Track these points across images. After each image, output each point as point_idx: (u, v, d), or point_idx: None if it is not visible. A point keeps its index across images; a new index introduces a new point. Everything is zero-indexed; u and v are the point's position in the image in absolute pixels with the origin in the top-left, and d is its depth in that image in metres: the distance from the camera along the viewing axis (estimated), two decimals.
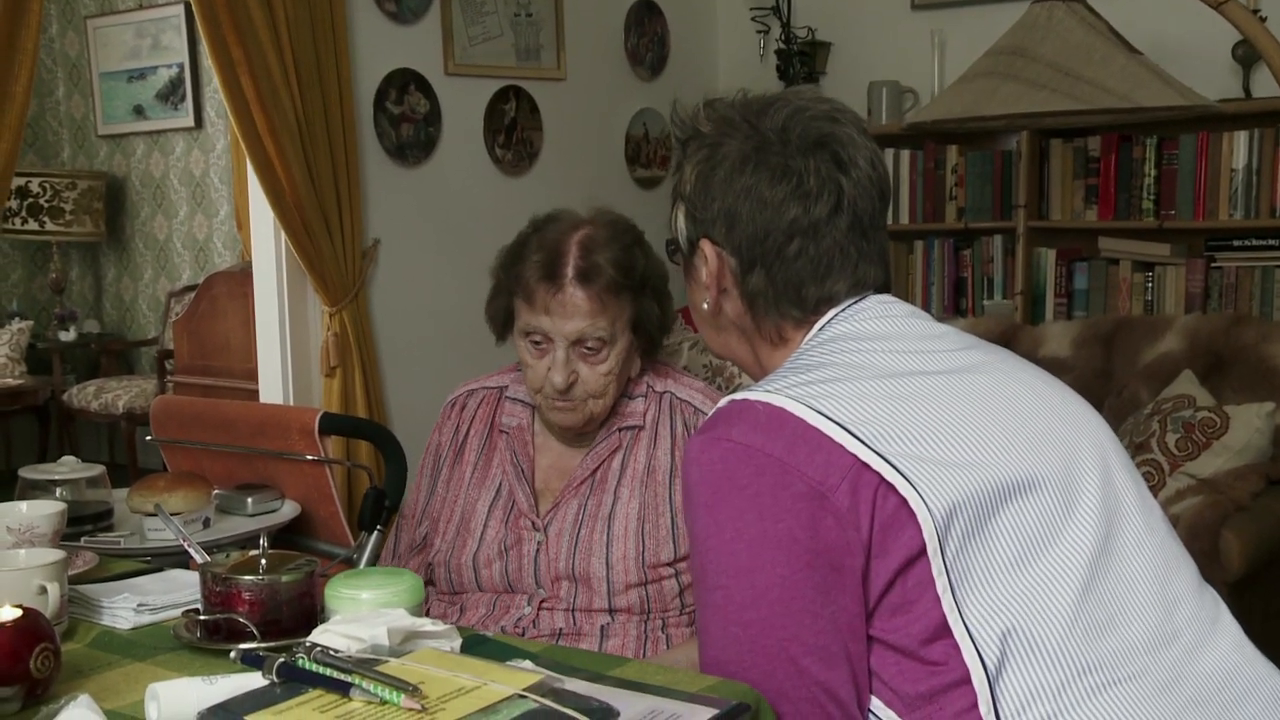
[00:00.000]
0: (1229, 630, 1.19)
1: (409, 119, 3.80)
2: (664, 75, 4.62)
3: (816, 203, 1.22)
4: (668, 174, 4.64)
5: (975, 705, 1.05)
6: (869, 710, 1.11)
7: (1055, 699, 1.05)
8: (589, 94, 4.37)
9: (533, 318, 1.68)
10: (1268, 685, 1.16)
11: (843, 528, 1.07)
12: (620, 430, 1.75)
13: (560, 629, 1.68)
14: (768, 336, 1.28)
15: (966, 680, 1.06)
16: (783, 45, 4.57)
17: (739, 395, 1.15)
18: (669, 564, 1.68)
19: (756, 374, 1.32)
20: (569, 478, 1.74)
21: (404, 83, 3.77)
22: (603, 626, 1.67)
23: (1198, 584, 1.21)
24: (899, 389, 1.14)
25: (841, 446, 1.07)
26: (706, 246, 1.27)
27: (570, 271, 1.65)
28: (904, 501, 1.06)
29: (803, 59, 4.54)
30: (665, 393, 1.77)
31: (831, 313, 1.24)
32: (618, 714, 0.94)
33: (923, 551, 1.06)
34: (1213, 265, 3.81)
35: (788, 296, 1.24)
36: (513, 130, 4.13)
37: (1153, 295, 3.91)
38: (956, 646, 1.06)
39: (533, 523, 1.72)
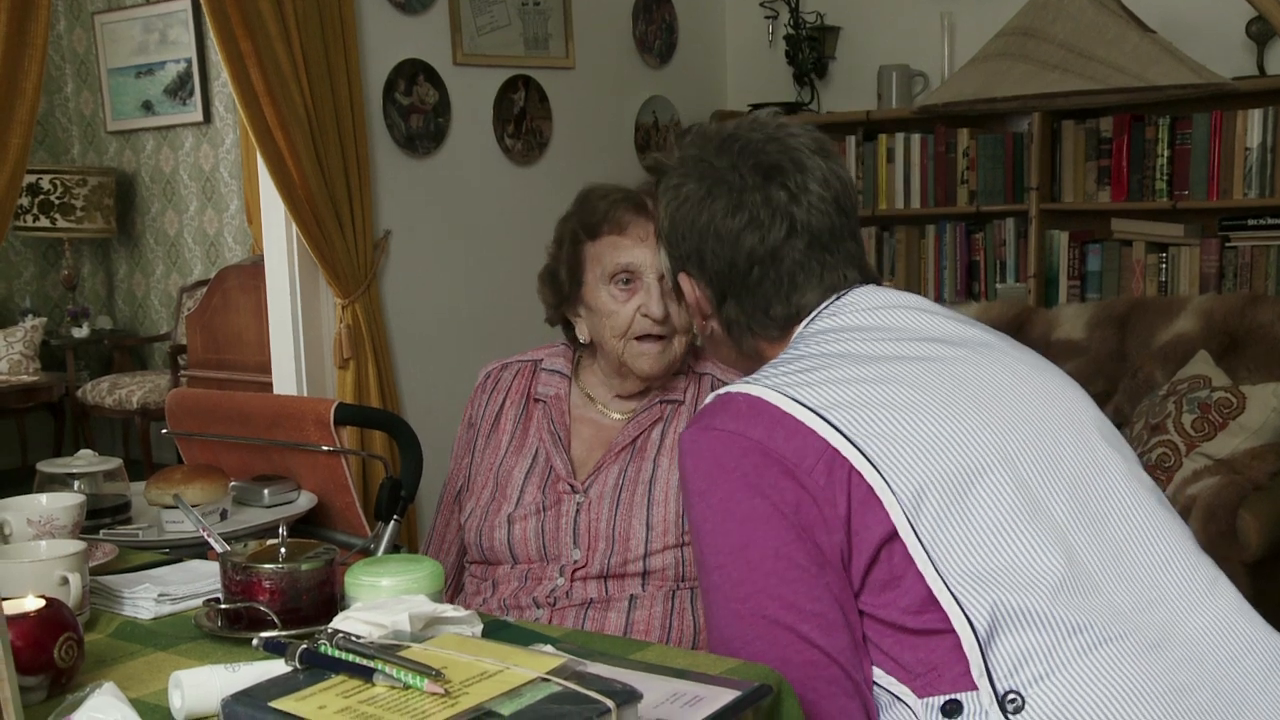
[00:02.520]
0: (1227, 594, 1.21)
1: (418, 110, 3.80)
2: (673, 63, 4.61)
3: (770, 231, 1.30)
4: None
5: (969, 670, 1.08)
6: (873, 681, 1.14)
7: (1046, 659, 1.08)
8: (598, 82, 4.37)
9: (624, 252, 1.72)
10: (1266, 644, 1.17)
11: (819, 506, 1.13)
12: (662, 402, 1.78)
13: (591, 599, 1.69)
14: (752, 353, 1.37)
15: (959, 646, 1.09)
16: (791, 30, 4.56)
17: (724, 390, 1.24)
18: None
19: None
20: (609, 445, 1.77)
21: (413, 73, 3.77)
22: (632, 597, 1.68)
23: (1192, 550, 1.22)
24: (873, 373, 1.20)
25: (814, 432, 1.14)
26: (684, 281, 1.38)
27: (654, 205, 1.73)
28: (872, 488, 1.11)
29: (811, 44, 4.52)
30: (706, 374, 1.81)
31: (809, 317, 1.31)
32: (641, 696, 0.94)
33: (895, 533, 1.11)
34: (1227, 245, 3.79)
35: (758, 320, 1.33)
36: (522, 120, 4.12)
37: (1167, 276, 3.89)
38: (946, 617, 1.09)
39: (572, 486, 1.75)
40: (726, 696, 1.06)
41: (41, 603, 1.14)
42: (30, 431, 6.23)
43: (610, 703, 0.91)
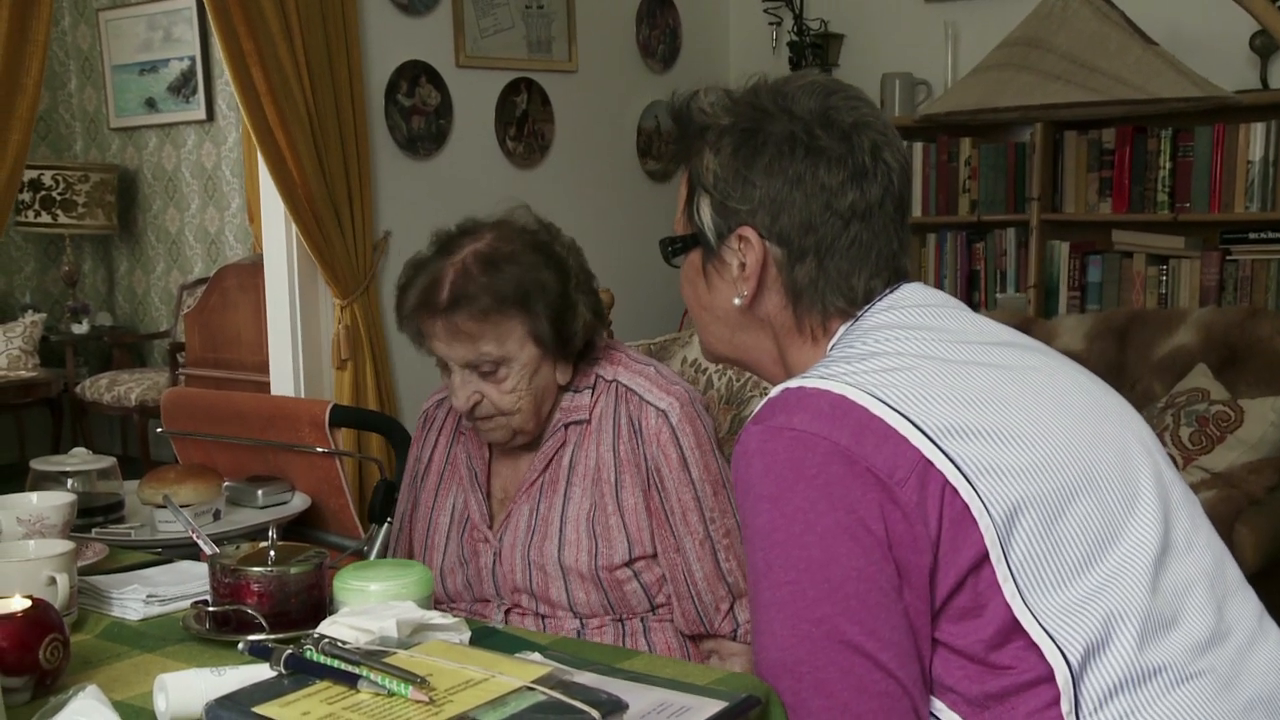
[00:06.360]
0: (1272, 627, 1.17)
1: (420, 111, 3.79)
2: (676, 68, 4.61)
3: (872, 185, 1.18)
4: (669, 164, 4.63)
5: (1053, 703, 1.03)
6: (933, 715, 1.08)
7: (1133, 694, 1.04)
8: (601, 86, 4.36)
9: (428, 342, 1.64)
10: None
11: (910, 523, 1.03)
12: (566, 426, 1.66)
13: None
14: (808, 332, 1.22)
15: (1042, 680, 1.03)
16: (795, 37, 4.56)
17: (794, 383, 1.10)
18: (625, 565, 1.62)
19: (776, 376, 1.26)
20: (520, 482, 1.69)
21: (415, 75, 3.77)
22: (576, 631, 1.63)
23: (1241, 579, 1.18)
24: (958, 382, 1.10)
25: (907, 440, 1.03)
26: (751, 235, 1.19)
27: (444, 299, 1.60)
28: (968, 505, 1.03)
29: (815, 51, 4.52)
30: (614, 381, 1.68)
31: (868, 306, 1.20)
32: (626, 706, 0.93)
33: (985, 556, 1.03)
34: (1228, 258, 3.79)
35: (836, 287, 1.19)
36: (524, 122, 4.12)
37: (1167, 289, 3.89)
38: (1028, 649, 1.03)
39: (486, 536, 1.68)
40: (714, 707, 1.05)
41: (28, 603, 1.14)
42: (29, 428, 6.22)
43: (595, 713, 0.91)
